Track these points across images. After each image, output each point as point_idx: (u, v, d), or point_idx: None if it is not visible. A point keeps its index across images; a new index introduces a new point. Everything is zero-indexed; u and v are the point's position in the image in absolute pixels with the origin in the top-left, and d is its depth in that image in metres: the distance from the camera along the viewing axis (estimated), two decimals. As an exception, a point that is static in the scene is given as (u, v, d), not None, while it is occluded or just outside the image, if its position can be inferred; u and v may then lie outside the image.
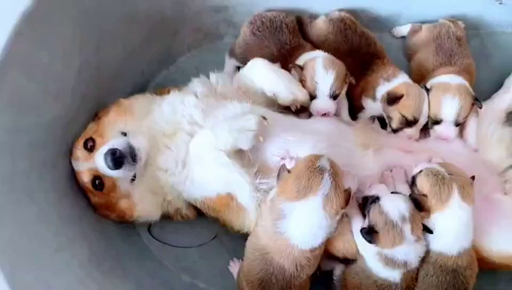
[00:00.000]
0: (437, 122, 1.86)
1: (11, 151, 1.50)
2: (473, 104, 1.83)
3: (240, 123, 1.61)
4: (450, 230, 1.55)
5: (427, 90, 1.86)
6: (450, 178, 1.53)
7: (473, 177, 1.59)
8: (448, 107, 1.81)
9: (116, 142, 1.65)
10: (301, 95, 1.81)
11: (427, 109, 1.84)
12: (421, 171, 1.60)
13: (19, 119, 1.54)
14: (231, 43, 2.20)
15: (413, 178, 1.64)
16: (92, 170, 1.68)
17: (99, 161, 1.64)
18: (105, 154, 1.60)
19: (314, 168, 1.45)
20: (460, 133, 1.92)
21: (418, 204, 1.55)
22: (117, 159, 1.59)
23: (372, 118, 1.98)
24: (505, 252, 1.67)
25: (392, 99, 1.83)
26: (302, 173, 1.45)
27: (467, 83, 1.86)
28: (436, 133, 1.88)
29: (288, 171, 1.50)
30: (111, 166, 1.60)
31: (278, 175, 1.52)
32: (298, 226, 1.47)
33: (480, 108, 1.85)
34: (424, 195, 1.55)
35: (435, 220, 1.55)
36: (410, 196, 1.58)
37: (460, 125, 1.86)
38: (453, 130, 1.85)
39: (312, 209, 1.44)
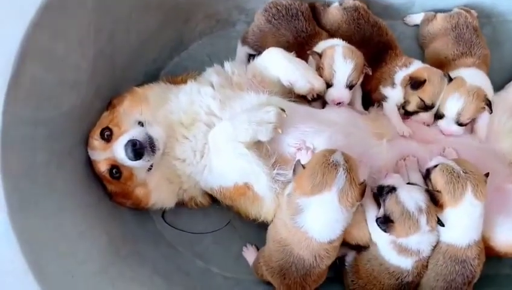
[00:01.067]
0: (440, 116, 1.87)
1: (32, 143, 1.52)
2: (483, 108, 1.82)
3: (259, 115, 1.62)
4: (461, 225, 1.59)
5: (450, 80, 1.84)
6: (465, 176, 1.56)
7: (487, 174, 1.61)
8: (452, 105, 1.81)
9: (135, 132, 1.67)
10: (318, 84, 1.81)
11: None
12: (436, 166, 1.63)
13: (38, 111, 1.54)
14: (243, 30, 2.18)
15: (428, 171, 1.67)
16: (109, 160, 1.70)
17: (118, 152, 1.65)
18: (126, 145, 1.62)
19: (328, 163, 1.47)
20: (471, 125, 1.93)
21: (433, 198, 1.59)
22: (137, 150, 1.61)
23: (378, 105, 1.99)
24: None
25: (417, 84, 1.82)
26: (316, 169, 1.48)
27: (483, 86, 1.84)
28: (439, 127, 1.89)
29: (303, 166, 1.52)
30: (131, 157, 1.61)
31: (294, 170, 1.54)
32: (315, 221, 1.51)
33: (490, 113, 1.84)
34: (438, 191, 1.59)
35: (448, 215, 1.58)
36: (425, 190, 1.60)
37: (464, 125, 1.86)
38: (454, 128, 1.85)
39: (328, 203, 1.48)
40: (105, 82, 1.87)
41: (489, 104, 1.81)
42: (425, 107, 1.86)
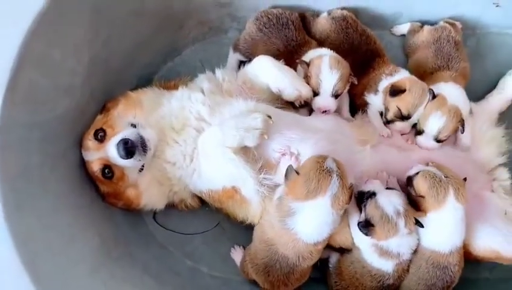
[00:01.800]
0: (420, 132, 1.91)
1: (27, 145, 1.56)
2: (457, 128, 1.87)
3: (246, 122, 1.66)
4: (445, 228, 1.66)
5: (434, 97, 1.87)
6: (447, 180, 1.62)
7: (465, 179, 1.68)
8: (434, 123, 1.85)
9: (128, 132, 1.71)
10: (305, 91, 1.87)
11: (422, 110, 1.87)
12: (417, 173, 1.68)
13: (34, 115, 1.58)
14: (235, 37, 2.23)
15: (410, 179, 1.72)
16: (102, 159, 1.74)
17: (111, 151, 1.69)
18: (118, 144, 1.66)
19: (323, 169, 1.52)
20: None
21: (415, 204, 1.65)
22: (129, 148, 1.65)
23: (363, 111, 2.04)
24: (489, 248, 1.77)
25: (396, 91, 1.86)
26: (311, 175, 1.52)
27: (460, 102, 1.89)
28: (417, 142, 1.94)
29: (297, 172, 1.56)
30: (123, 155, 1.65)
31: (286, 175, 1.58)
32: (306, 224, 1.56)
33: (462, 133, 1.90)
34: (421, 196, 1.65)
35: (431, 219, 1.65)
36: (408, 196, 1.66)
37: (442, 142, 1.90)
38: (432, 144, 1.90)
39: (321, 207, 1.53)
40: (100, 85, 1.91)
41: (463, 124, 1.86)
42: (402, 117, 1.89)
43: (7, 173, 1.45)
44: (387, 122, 1.95)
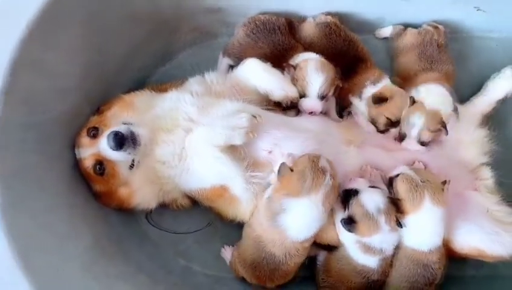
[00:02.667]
0: (403, 137, 1.97)
1: (23, 146, 1.61)
2: (440, 129, 1.92)
3: (232, 121, 1.72)
4: (422, 230, 1.70)
5: (414, 102, 1.94)
6: (423, 185, 1.67)
7: (444, 182, 1.72)
8: (414, 126, 1.92)
9: (119, 127, 1.75)
10: (292, 92, 1.93)
11: None
12: (397, 175, 1.74)
13: (30, 116, 1.64)
14: (225, 42, 2.29)
15: (391, 180, 1.77)
16: (94, 155, 1.77)
17: (102, 143, 1.73)
18: (109, 135, 1.71)
19: (317, 168, 1.59)
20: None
21: (396, 206, 1.70)
22: (119, 139, 1.70)
23: (348, 112, 2.11)
24: (472, 245, 1.81)
25: (379, 99, 1.92)
26: (306, 173, 1.58)
27: (441, 102, 1.94)
28: (403, 146, 1.99)
29: (291, 169, 1.62)
30: (113, 146, 1.69)
31: (279, 171, 1.64)
32: (296, 220, 1.61)
33: (446, 135, 1.94)
34: (399, 199, 1.70)
35: (410, 221, 1.69)
36: (389, 198, 1.71)
37: (426, 144, 1.96)
38: (418, 147, 1.95)
39: (313, 205, 1.58)
40: (95, 88, 1.96)
41: (444, 126, 1.91)
42: (392, 123, 1.96)
43: (3, 172, 1.50)
44: (381, 132, 2.01)
